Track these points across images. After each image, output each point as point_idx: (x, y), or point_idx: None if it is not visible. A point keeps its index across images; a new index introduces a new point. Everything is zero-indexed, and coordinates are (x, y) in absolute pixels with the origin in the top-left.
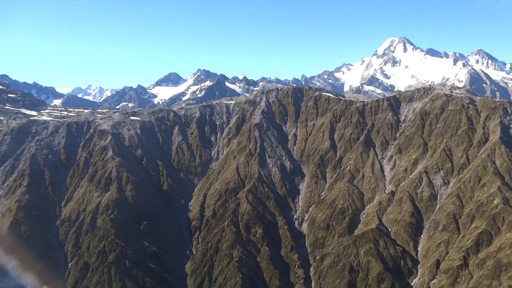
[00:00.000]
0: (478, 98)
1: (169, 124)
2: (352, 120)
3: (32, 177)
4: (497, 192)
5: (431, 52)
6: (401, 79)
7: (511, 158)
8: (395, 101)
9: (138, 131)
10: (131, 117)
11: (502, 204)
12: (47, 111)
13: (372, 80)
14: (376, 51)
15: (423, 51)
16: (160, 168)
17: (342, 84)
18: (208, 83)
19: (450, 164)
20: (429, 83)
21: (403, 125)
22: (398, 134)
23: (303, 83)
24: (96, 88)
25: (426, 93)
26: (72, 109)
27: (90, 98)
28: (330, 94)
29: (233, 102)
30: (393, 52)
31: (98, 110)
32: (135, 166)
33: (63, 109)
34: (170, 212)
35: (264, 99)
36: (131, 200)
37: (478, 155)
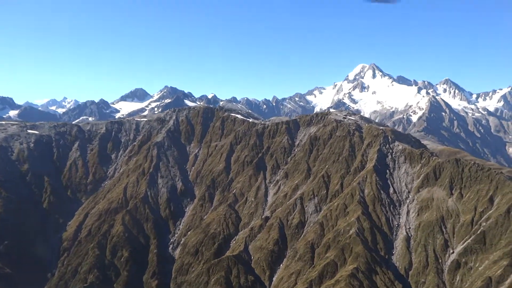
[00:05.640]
0: (366, 125)
1: (70, 139)
2: (250, 143)
3: None
4: (355, 222)
5: (401, 79)
6: (368, 104)
7: (379, 187)
8: (294, 125)
9: (32, 145)
10: (29, 131)
11: (355, 235)
12: None
13: (339, 104)
14: (348, 76)
15: (391, 78)
16: (45, 185)
17: (313, 107)
18: (167, 100)
19: (325, 191)
20: (393, 109)
21: (296, 150)
22: (289, 159)
23: (274, 104)
24: (71, 100)
25: (323, 118)
26: None
27: (64, 110)
28: (237, 115)
29: (145, 119)
30: (362, 78)
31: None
32: (16, 181)
33: None
34: (44, 232)
35: (174, 117)
36: None
37: (351, 183)
